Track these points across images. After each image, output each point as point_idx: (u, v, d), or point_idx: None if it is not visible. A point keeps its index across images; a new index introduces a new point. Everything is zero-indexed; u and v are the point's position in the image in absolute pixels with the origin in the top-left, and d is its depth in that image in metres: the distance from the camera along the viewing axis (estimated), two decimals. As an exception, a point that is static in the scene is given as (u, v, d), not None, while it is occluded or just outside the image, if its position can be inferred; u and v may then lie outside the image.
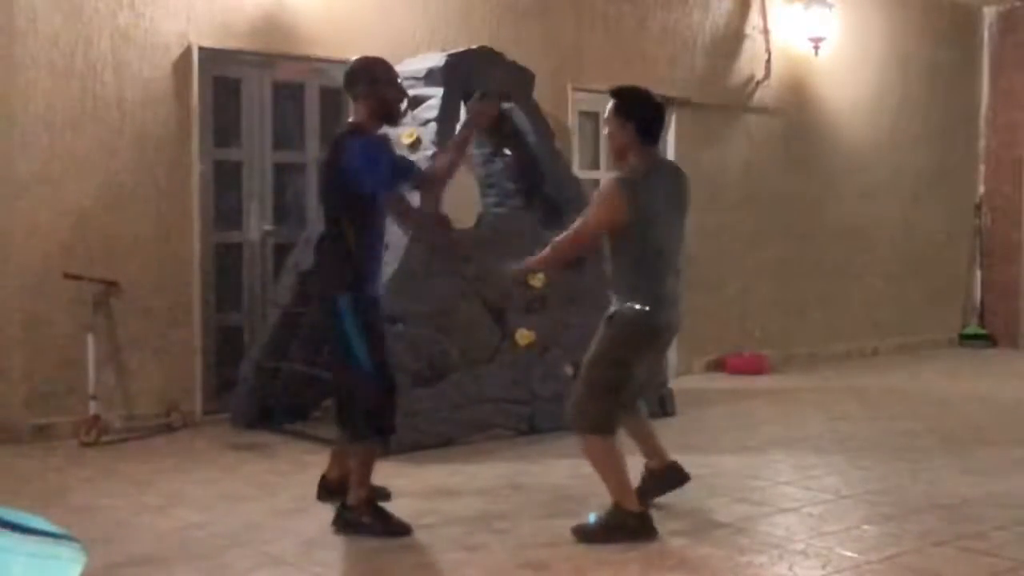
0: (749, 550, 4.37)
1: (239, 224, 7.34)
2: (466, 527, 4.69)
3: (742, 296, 9.71)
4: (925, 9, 11.14)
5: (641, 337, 4.56)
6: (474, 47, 7.05)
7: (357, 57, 4.87)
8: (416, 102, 6.68)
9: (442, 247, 5.68)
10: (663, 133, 9.21)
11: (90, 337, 6.39)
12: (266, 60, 7.28)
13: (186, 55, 6.83)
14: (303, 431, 6.68)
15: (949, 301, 11.51)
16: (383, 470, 5.21)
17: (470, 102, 5.07)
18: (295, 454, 6.15)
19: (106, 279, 6.53)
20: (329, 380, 5.44)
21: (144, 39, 6.69)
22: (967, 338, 11.49)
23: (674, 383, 7.66)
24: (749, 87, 9.72)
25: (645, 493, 4.78)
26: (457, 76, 6.65)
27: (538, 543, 4.45)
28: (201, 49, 6.87)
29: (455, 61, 6.70)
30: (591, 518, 4.55)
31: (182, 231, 6.89)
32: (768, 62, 9.75)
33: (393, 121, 4.86)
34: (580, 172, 8.11)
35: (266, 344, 6.87)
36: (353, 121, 4.75)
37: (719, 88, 9.51)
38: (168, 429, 6.70)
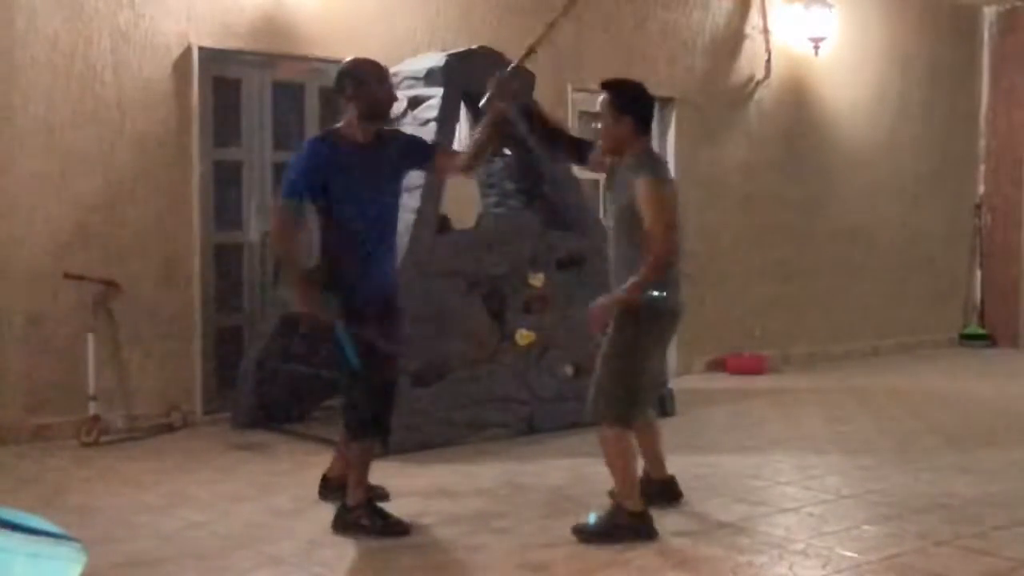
0: (749, 550, 4.37)
1: (239, 224, 7.34)
2: (466, 527, 4.69)
3: (742, 296, 9.71)
4: (925, 9, 11.14)
5: (663, 322, 4.63)
6: (474, 47, 7.04)
7: (350, 58, 4.88)
8: (416, 102, 6.68)
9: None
10: (665, 131, 9.34)
11: (90, 337, 6.39)
12: (266, 60, 7.28)
13: (186, 55, 6.83)
14: (303, 431, 6.68)
15: (949, 301, 11.51)
16: (383, 470, 5.21)
17: (499, 77, 4.92)
18: (295, 454, 6.15)
19: (106, 279, 6.53)
20: (330, 379, 5.44)
21: (144, 39, 6.69)
22: (967, 338, 11.49)
23: (674, 383, 7.66)
24: (749, 87, 9.72)
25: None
26: (457, 76, 6.65)
27: (538, 543, 4.45)
28: (201, 49, 6.87)
29: (455, 61, 6.70)
30: (591, 518, 4.55)
31: (182, 231, 6.89)
32: (768, 62, 9.75)
33: (383, 119, 4.78)
34: (580, 172, 8.09)
35: (266, 344, 6.87)
36: (340, 124, 4.71)
37: (719, 88, 9.51)
38: (168, 429, 6.70)
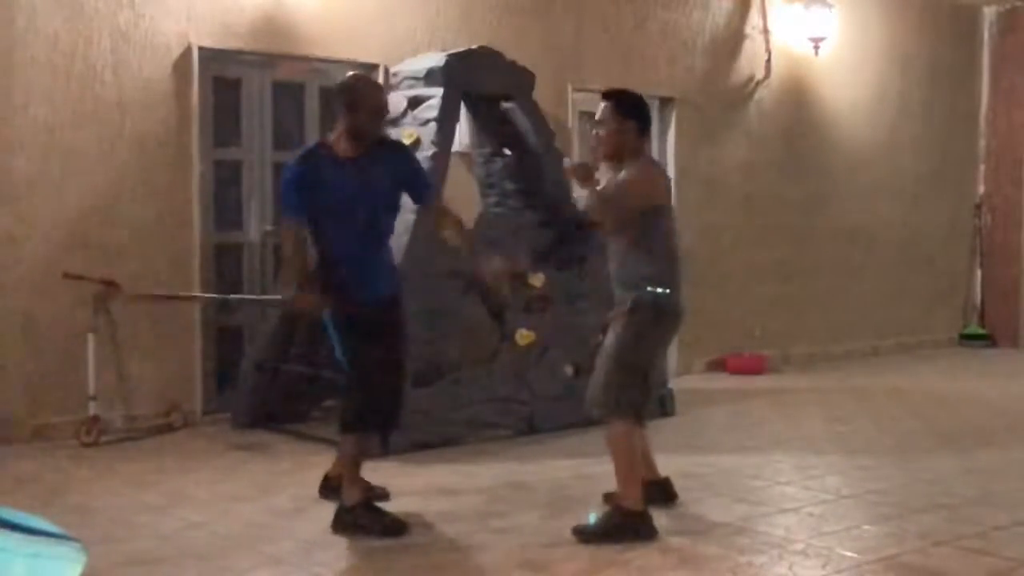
0: (749, 550, 4.37)
1: (239, 224, 7.34)
2: (466, 527, 4.69)
3: (742, 296, 9.71)
4: (925, 9, 11.14)
5: (665, 320, 4.66)
6: (474, 47, 7.05)
7: (354, 73, 4.96)
8: (416, 102, 6.69)
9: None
10: (665, 131, 9.34)
11: (90, 337, 6.39)
12: (266, 60, 7.28)
13: (186, 55, 6.83)
14: (303, 431, 6.68)
15: (949, 301, 11.51)
16: (383, 470, 5.22)
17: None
18: (295, 454, 6.15)
19: (106, 279, 6.52)
20: (331, 380, 5.45)
21: (144, 39, 6.69)
22: (967, 338, 11.49)
23: (674, 383, 7.66)
24: (749, 87, 9.72)
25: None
26: (457, 76, 6.65)
27: (538, 543, 4.45)
28: (201, 49, 6.87)
29: (455, 61, 6.70)
30: (591, 518, 4.56)
31: (182, 231, 6.89)
32: (768, 62, 9.76)
33: (367, 142, 4.68)
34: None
35: (266, 344, 6.87)
36: (332, 135, 4.75)
37: (719, 88, 9.52)
38: (168, 429, 6.70)
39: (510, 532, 4.61)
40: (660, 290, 4.56)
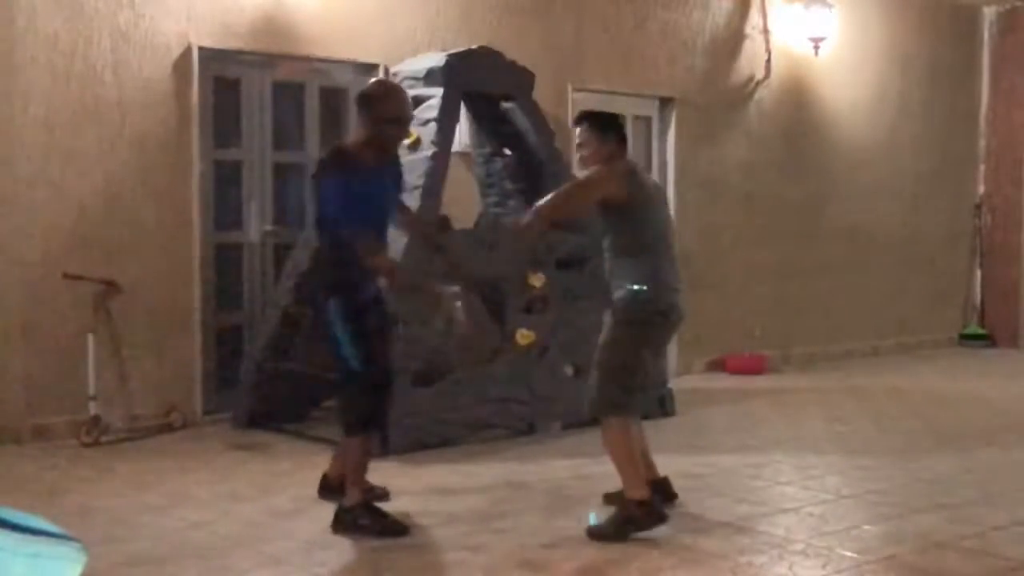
0: (749, 550, 4.37)
1: (239, 224, 7.34)
2: (466, 527, 4.69)
3: (742, 296, 9.71)
4: (925, 9, 11.13)
5: (644, 317, 4.66)
6: (474, 47, 7.05)
7: (380, 79, 5.01)
8: (416, 102, 6.69)
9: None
10: (665, 131, 9.34)
11: (90, 337, 6.39)
12: (266, 60, 7.28)
13: (186, 55, 6.82)
14: (303, 431, 6.68)
15: (949, 301, 11.51)
16: (383, 470, 5.22)
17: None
18: (295, 454, 6.15)
19: (106, 279, 6.52)
20: (330, 379, 5.44)
21: (144, 39, 6.69)
22: (967, 338, 11.48)
23: (674, 383, 7.66)
24: (749, 87, 9.72)
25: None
26: (457, 76, 6.65)
27: (538, 543, 4.45)
28: (201, 49, 6.87)
29: (455, 61, 6.70)
30: (591, 519, 4.56)
31: (182, 231, 6.89)
32: (768, 62, 9.75)
33: (386, 153, 4.82)
34: (580, 172, 8.10)
35: (266, 344, 6.87)
36: (350, 139, 4.76)
37: (719, 88, 9.51)
38: (168, 429, 6.70)
39: (510, 532, 4.61)
40: (637, 287, 4.61)
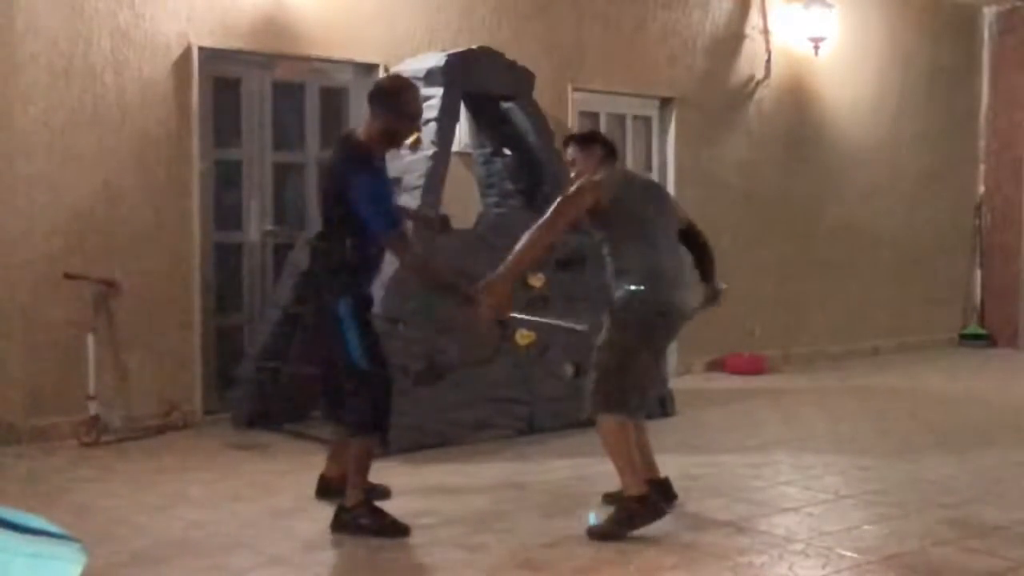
0: (749, 550, 4.37)
1: (239, 224, 7.34)
2: (466, 527, 4.69)
3: (742, 296, 9.69)
4: (925, 9, 11.13)
5: (642, 318, 4.65)
6: (474, 47, 7.05)
7: (396, 75, 5.03)
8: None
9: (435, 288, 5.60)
10: (665, 131, 9.34)
11: (90, 337, 6.39)
12: (266, 60, 7.28)
13: (186, 55, 6.82)
14: (303, 431, 6.67)
15: (949, 301, 11.51)
16: (384, 470, 5.21)
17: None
18: (295, 454, 6.15)
19: (106, 279, 6.53)
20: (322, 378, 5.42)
21: (144, 39, 6.69)
22: (967, 338, 11.49)
23: (674, 383, 7.66)
24: (749, 87, 9.72)
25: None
26: (457, 76, 6.65)
27: (538, 543, 4.45)
28: (201, 49, 6.87)
29: (455, 61, 6.70)
30: (591, 519, 4.56)
31: (182, 231, 6.89)
32: (768, 62, 9.75)
33: (395, 148, 4.97)
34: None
35: (266, 344, 6.87)
36: (361, 136, 4.71)
37: (719, 88, 9.51)
38: (168, 429, 6.70)
39: (510, 532, 4.61)
40: (634, 287, 4.62)
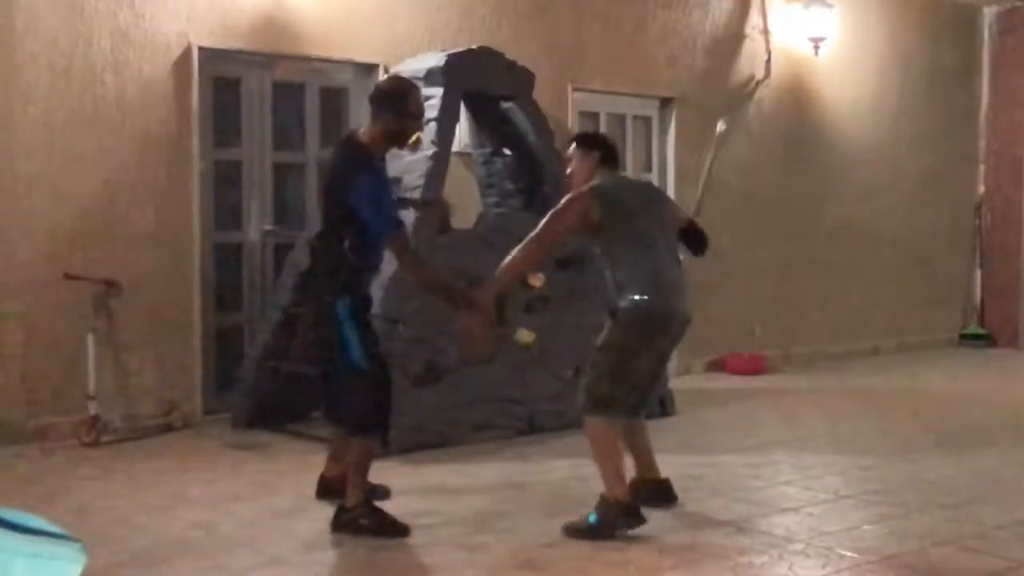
0: (749, 550, 4.37)
1: (239, 224, 7.34)
2: (466, 527, 4.69)
3: (742, 296, 9.71)
4: (925, 9, 11.13)
5: (644, 326, 4.66)
6: (474, 47, 7.05)
7: (397, 76, 5.05)
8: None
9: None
10: (665, 131, 9.34)
11: (90, 337, 6.39)
12: (266, 60, 7.28)
13: (186, 55, 6.82)
14: (303, 431, 6.68)
15: (949, 301, 11.51)
16: (383, 470, 5.21)
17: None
18: (295, 454, 6.15)
19: (106, 279, 6.53)
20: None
21: (144, 39, 6.69)
22: (967, 338, 11.48)
23: (674, 383, 7.66)
24: (749, 87, 9.72)
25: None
26: (457, 76, 6.65)
27: (538, 543, 4.45)
28: (201, 49, 6.87)
29: (455, 61, 6.70)
30: (591, 518, 4.55)
31: (182, 231, 6.89)
32: (768, 62, 9.75)
33: (400, 146, 4.98)
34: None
35: (266, 344, 6.87)
36: (363, 137, 4.71)
37: (719, 88, 9.51)
38: (168, 429, 6.70)
39: (510, 532, 4.61)
40: (637, 297, 4.61)
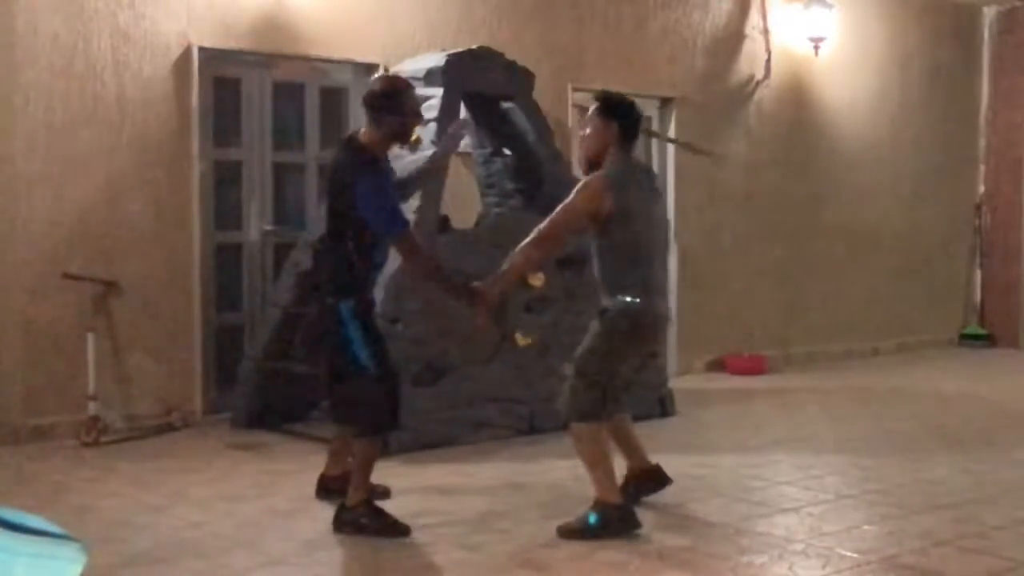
0: (749, 550, 4.37)
1: (239, 224, 7.34)
2: (466, 527, 4.69)
3: (742, 296, 9.71)
4: (925, 9, 11.13)
5: (634, 329, 4.64)
6: (474, 47, 7.05)
7: (388, 76, 5.05)
8: (416, 102, 6.68)
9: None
10: (665, 131, 9.33)
11: (90, 337, 6.39)
12: (266, 60, 7.28)
13: (186, 55, 6.83)
14: (303, 431, 6.68)
15: (949, 301, 11.50)
16: (383, 469, 5.21)
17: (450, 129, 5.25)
18: (295, 454, 6.15)
19: (106, 279, 6.53)
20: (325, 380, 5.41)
21: (144, 39, 6.69)
22: (967, 338, 11.48)
23: (674, 383, 7.66)
24: (749, 87, 9.72)
25: (627, 497, 4.78)
26: (457, 76, 6.65)
27: (538, 543, 4.45)
28: (201, 49, 6.87)
29: (455, 61, 6.70)
30: (591, 518, 4.55)
31: (182, 231, 6.89)
32: (768, 62, 9.75)
33: (402, 145, 4.96)
34: (580, 172, 8.10)
35: (266, 344, 6.87)
36: (364, 139, 4.68)
37: (719, 88, 9.51)
38: (168, 429, 6.70)
39: (510, 532, 4.61)
40: (630, 299, 4.56)
